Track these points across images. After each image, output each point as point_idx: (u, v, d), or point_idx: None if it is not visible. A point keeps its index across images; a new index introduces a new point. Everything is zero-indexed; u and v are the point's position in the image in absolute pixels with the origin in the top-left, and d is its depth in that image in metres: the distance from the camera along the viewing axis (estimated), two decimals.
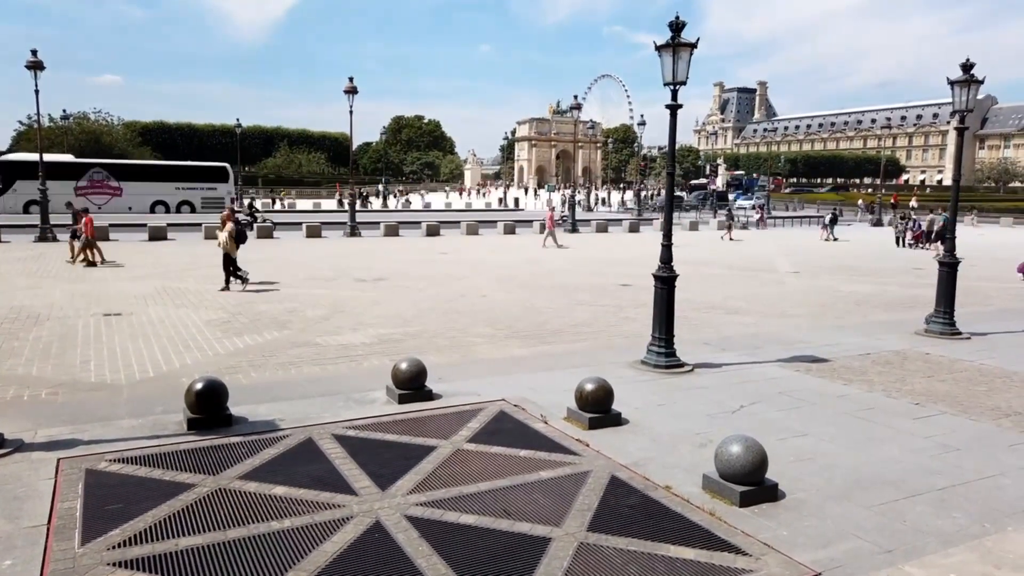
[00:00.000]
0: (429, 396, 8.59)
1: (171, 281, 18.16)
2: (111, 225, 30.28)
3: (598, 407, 7.78)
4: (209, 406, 7.46)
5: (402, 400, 8.41)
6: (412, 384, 8.53)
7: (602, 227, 40.83)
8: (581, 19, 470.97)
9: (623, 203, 75.85)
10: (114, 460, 6.57)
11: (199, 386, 7.46)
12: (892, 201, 60.30)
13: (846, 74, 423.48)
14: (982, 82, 12.75)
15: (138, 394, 8.73)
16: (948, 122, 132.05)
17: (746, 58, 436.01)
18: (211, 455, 6.75)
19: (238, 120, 66.92)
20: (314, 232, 32.91)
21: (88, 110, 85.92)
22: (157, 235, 29.56)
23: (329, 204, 64.30)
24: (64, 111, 70.96)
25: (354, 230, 34.42)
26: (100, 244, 22.37)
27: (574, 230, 38.68)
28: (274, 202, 64.23)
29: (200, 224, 32.61)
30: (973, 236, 38.80)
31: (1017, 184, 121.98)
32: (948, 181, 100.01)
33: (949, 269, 13.35)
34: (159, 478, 6.20)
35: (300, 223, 36.99)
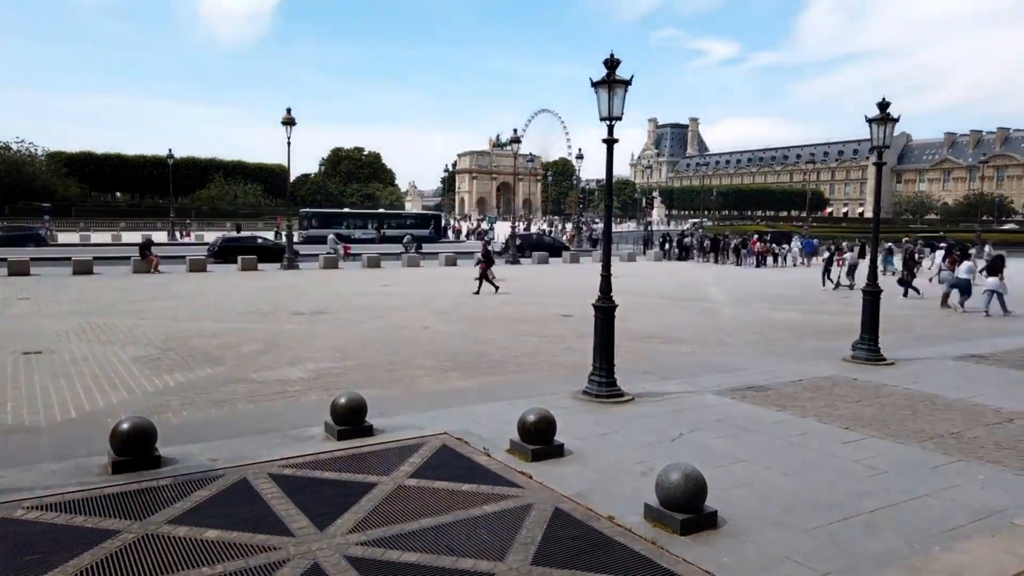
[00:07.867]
0: (369, 431, 8.42)
1: (97, 317, 17.42)
2: None
3: (541, 438, 7.77)
4: (136, 447, 7.14)
5: (341, 436, 8.22)
6: (351, 419, 8.36)
7: (543, 259, 41.27)
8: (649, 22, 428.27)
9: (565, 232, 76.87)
10: (32, 507, 6.20)
11: (125, 426, 7.15)
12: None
13: (946, 87, 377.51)
14: (897, 120, 13.53)
15: (59, 436, 8.29)
16: (867, 157, 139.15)
17: (829, 66, 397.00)
18: (138, 499, 6.44)
19: (170, 151, 65.12)
20: (249, 265, 32.16)
21: (10, 139, 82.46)
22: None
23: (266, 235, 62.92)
24: None
25: (291, 263, 33.80)
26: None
27: (515, 261, 38.97)
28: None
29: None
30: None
31: (933, 216, 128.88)
32: (869, 213, 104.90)
33: (872, 298, 13.93)
34: (81, 525, 5.87)
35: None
